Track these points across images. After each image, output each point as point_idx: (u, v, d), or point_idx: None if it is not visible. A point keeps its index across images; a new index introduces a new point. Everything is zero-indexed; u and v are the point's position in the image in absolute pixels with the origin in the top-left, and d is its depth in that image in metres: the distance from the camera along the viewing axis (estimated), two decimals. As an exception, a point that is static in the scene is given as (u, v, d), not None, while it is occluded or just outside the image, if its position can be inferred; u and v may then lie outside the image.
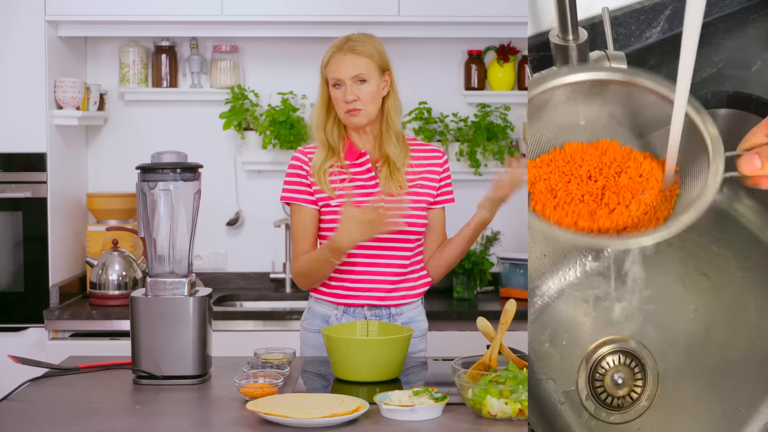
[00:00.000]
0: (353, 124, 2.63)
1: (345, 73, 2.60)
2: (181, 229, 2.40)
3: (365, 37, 2.64)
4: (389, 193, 2.62)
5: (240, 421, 2.04)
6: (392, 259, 2.65)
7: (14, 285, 3.73)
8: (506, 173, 2.59)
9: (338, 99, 2.62)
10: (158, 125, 4.19)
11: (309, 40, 4.06)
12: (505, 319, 2.24)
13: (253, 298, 4.08)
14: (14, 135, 3.70)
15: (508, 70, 4.12)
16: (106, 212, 3.99)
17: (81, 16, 3.78)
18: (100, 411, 2.14)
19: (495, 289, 4.11)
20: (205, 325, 2.37)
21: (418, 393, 2.07)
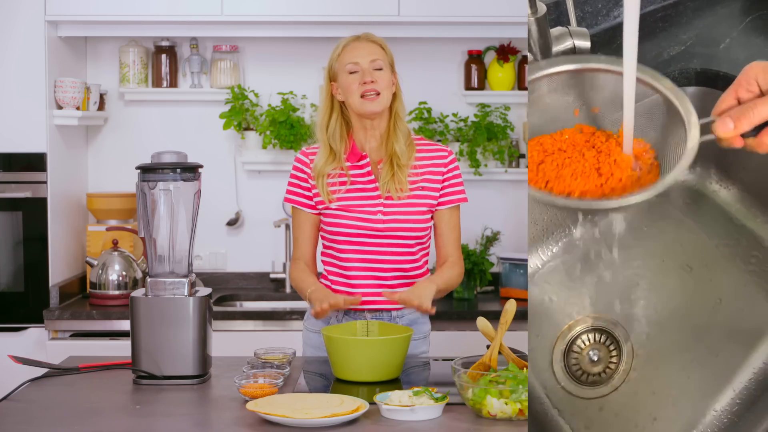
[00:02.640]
0: (368, 109, 2.60)
1: (363, 57, 2.60)
2: (181, 229, 2.40)
3: (374, 35, 2.68)
4: (388, 197, 2.61)
5: (240, 421, 2.04)
6: (393, 264, 2.65)
7: (14, 285, 3.73)
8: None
9: (353, 84, 2.59)
10: (158, 125, 4.19)
11: (309, 40, 4.06)
12: (505, 319, 2.24)
13: (253, 298, 4.08)
14: (14, 135, 3.70)
15: (508, 70, 4.12)
16: (106, 212, 3.99)
17: (81, 16, 3.78)
18: (100, 411, 2.14)
19: (495, 289, 4.11)
20: (205, 325, 2.37)
21: (418, 393, 2.07)
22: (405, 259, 2.66)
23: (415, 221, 2.63)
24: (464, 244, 3.99)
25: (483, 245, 4.05)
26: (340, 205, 2.62)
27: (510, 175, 4.12)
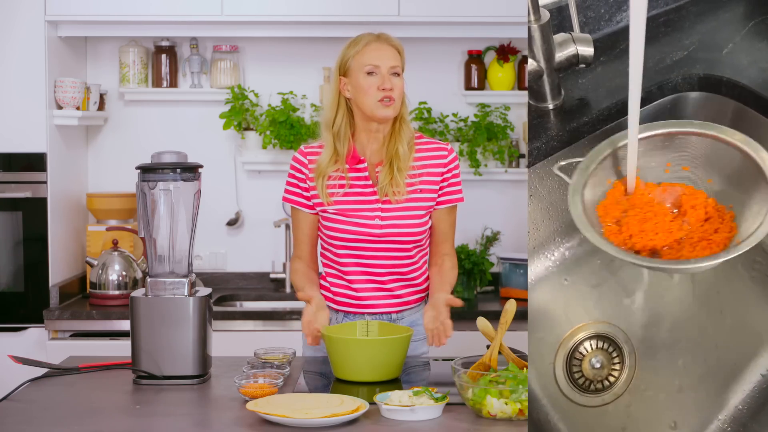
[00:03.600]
0: (383, 115, 2.58)
1: (384, 61, 2.57)
2: (181, 229, 2.40)
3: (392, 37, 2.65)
4: (386, 200, 2.60)
5: (240, 421, 2.04)
6: (391, 268, 2.64)
7: (14, 285, 3.73)
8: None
9: (371, 86, 2.56)
10: (158, 125, 4.19)
11: (309, 40, 4.06)
12: (505, 319, 2.24)
13: (253, 298, 4.07)
14: (14, 135, 3.70)
15: (508, 70, 4.12)
16: (106, 212, 3.99)
17: (81, 16, 3.78)
18: (100, 411, 2.14)
19: (495, 289, 4.11)
20: (205, 325, 2.37)
21: (418, 393, 2.07)
22: (403, 263, 2.65)
23: (413, 225, 2.62)
24: (464, 244, 3.99)
25: (483, 245, 4.05)
26: (337, 210, 2.61)
27: (510, 175, 4.12)
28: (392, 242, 2.61)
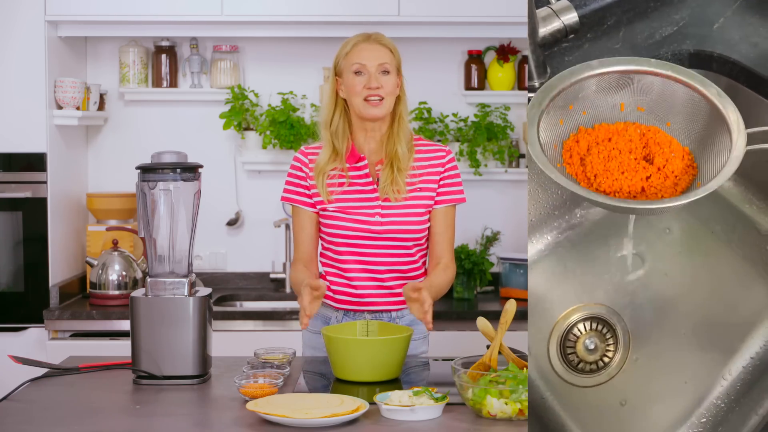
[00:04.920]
0: (371, 114, 2.59)
1: (371, 60, 2.58)
2: (181, 229, 2.40)
3: (384, 37, 2.65)
4: (386, 199, 2.61)
5: (240, 421, 2.04)
6: (391, 265, 2.64)
7: (14, 285, 3.73)
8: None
9: (358, 86, 2.58)
10: (158, 125, 4.19)
11: (309, 40, 4.06)
12: (505, 319, 2.24)
13: (253, 298, 4.08)
14: (14, 135, 3.70)
15: (508, 70, 4.12)
16: (106, 212, 3.99)
17: (81, 16, 3.78)
18: (100, 411, 2.14)
19: (495, 289, 4.11)
20: (205, 325, 2.37)
21: (418, 393, 2.07)
22: (403, 261, 2.65)
23: (413, 223, 2.62)
24: (464, 244, 3.99)
25: (483, 245, 4.05)
26: (337, 207, 2.62)
27: (510, 175, 4.12)
28: (392, 239, 2.61)
